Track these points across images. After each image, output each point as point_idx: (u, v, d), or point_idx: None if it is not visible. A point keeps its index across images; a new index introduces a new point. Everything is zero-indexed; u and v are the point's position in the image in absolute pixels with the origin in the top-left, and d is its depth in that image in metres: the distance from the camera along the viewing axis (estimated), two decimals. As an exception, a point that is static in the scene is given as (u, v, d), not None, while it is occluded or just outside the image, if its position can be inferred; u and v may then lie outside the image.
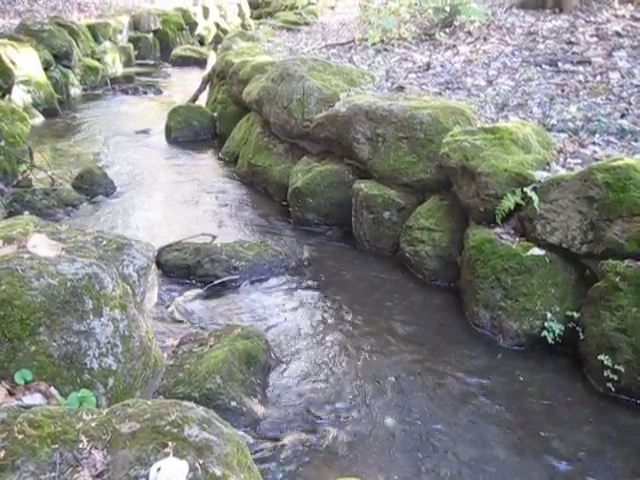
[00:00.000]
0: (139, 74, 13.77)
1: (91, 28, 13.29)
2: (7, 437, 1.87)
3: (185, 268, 4.88)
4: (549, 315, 3.88)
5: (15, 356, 2.49)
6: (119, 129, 9.36)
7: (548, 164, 4.36)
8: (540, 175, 4.16)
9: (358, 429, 3.27)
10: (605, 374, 3.50)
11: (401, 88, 6.32)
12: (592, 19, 7.56)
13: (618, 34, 6.82)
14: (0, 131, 6.73)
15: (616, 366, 3.47)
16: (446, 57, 7.48)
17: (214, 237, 5.29)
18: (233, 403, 3.23)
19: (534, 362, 3.86)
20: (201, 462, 1.84)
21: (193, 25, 18.41)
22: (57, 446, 1.87)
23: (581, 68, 6.20)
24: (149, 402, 2.09)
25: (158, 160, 7.99)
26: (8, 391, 2.38)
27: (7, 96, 8.79)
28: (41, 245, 2.86)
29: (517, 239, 4.17)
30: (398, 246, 5.11)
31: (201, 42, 18.54)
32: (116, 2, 17.08)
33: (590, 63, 6.26)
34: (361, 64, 7.76)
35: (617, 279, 3.54)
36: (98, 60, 12.93)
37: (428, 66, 7.08)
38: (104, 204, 6.38)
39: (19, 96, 9.17)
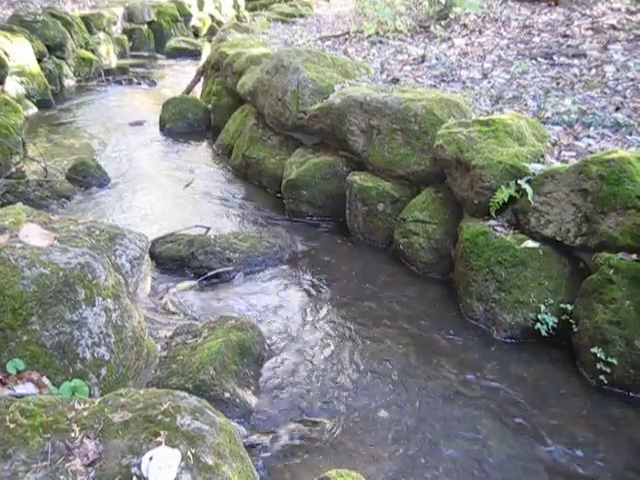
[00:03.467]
0: (133, 66, 13.69)
1: (85, 19, 13.19)
2: (-1, 426, 1.86)
3: (179, 260, 4.86)
4: (543, 308, 3.89)
5: (7, 345, 2.48)
6: (113, 121, 9.31)
7: (542, 157, 4.35)
8: (534, 167, 4.16)
9: (351, 421, 3.27)
10: (598, 367, 3.51)
11: (396, 80, 6.30)
12: (588, 12, 7.55)
13: (613, 27, 6.81)
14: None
15: (609, 359, 3.48)
16: (441, 50, 7.46)
17: (208, 229, 5.28)
18: (226, 394, 3.23)
19: (527, 354, 3.87)
20: (193, 451, 1.83)
21: (188, 17, 18.28)
22: (49, 435, 1.87)
23: (576, 61, 6.20)
24: (141, 391, 2.09)
25: (152, 152, 7.96)
26: (0, 381, 2.37)
27: (0, 87, 8.73)
28: (33, 235, 2.85)
29: (511, 232, 4.17)
30: (392, 238, 5.10)
31: (196, 34, 18.41)
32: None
33: (585, 56, 6.25)
34: (356, 56, 7.74)
35: (611, 272, 3.54)
36: (92, 51, 12.84)
37: (423, 59, 7.06)
38: (98, 196, 6.36)
39: (12, 87, 9.10)
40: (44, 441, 1.85)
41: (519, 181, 4.11)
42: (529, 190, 4.03)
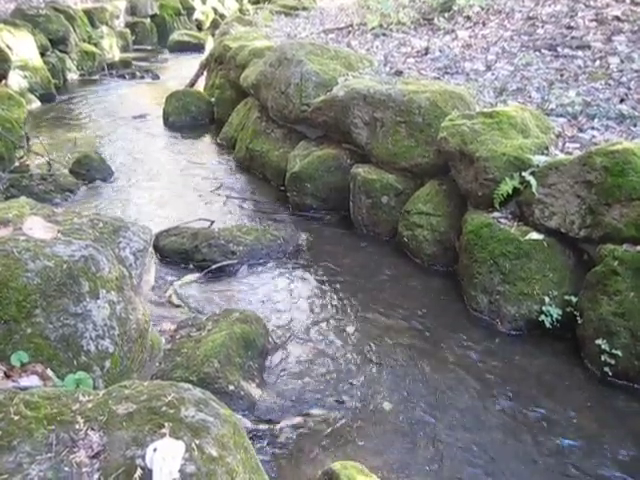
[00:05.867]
0: (136, 59, 13.69)
1: (88, 13, 13.20)
2: (3, 418, 1.86)
3: (183, 253, 4.86)
4: (547, 299, 3.88)
5: (11, 338, 2.48)
6: (116, 114, 9.31)
7: (547, 148, 4.34)
8: (538, 159, 4.14)
9: (356, 413, 3.28)
10: (603, 358, 3.50)
11: (399, 73, 6.28)
12: (592, 3, 7.49)
13: (618, 19, 6.76)
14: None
15: (613, 350, 3.47)
16: (445, 42, 7.42)
17: (212, 222, 5.28)
18: (231, 387, 3.23)
19: (532, 346, 3.86)
20: (197, 443, 1.83)
21: (191, 10, 18.27)
22: (53, 427, 1.87)
23: (580, 53, 6.16)
24: (145, 383, 2.09)
25: (156, 145, 7.96)
26: (5, 373, 2.37)
27: (3, 81, 8.74)
28: (37, 227, 2.85)
29: (515, 224, 4.16)
30: (396, 231, 5.10)
31: (199, 27, 18.39)
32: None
33: (589, 48, 6.21)
34: (359, 49, 7.71)
35: (615, 263, 3.53)
36: (95, 45, 12.85)
37: (427, 51, 7.03)
38: (101, 189, 6.36)
39: (15, 81, 9.12)
40: (48, 433, 1.85)
41: (523, 173, 4.09)
42: (533, 182, 4.01)
